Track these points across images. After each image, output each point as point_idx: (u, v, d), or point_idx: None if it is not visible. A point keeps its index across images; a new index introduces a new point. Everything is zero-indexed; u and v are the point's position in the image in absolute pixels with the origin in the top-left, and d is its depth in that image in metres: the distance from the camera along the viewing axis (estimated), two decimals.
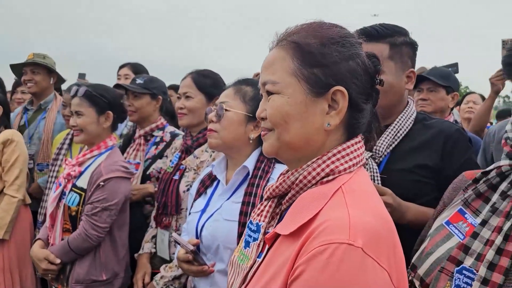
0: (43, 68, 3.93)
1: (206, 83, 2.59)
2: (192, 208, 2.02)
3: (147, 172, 2.95)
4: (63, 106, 3.73)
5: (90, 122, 2.58)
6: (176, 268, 2.22)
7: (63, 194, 2.59)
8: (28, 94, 4.20)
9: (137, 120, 3.07)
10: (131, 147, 3.09)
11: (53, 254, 2.51)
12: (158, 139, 3.05)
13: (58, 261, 2.49)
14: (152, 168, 2.96)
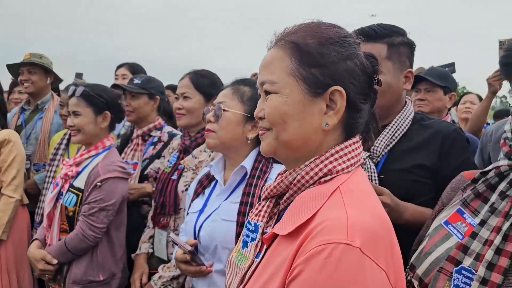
0: (40, 68, 3.92)
1: (204, 83, 2.59)
2: (190, 208, 2.02)
3: (145, 172, 2.95)
4: (60, 105, 3.72)
5: (88, 122, 2.58)
6: (174, 268, 2.21)
7: (60, 195, 2.59)
8: (25, 94, 4.19)
9: (134, 120, 3.07)
10: (129, 147, 3.08)
11: (50, 254, 2.50)
12: (156, 139, 3.04)
13: (55, 261, 2.49)
14: (150, 168, 2.95)
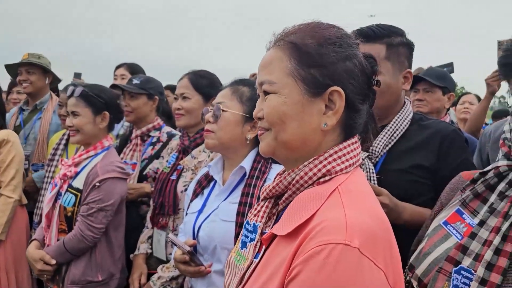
0: (38, 68, 3.91)
1: (203, 83, 2.59)
2: (189, 209, 2.02)
3: (144, 173, 2.95)
4: (59, 105, 3.71)
5: (86, 122, 2.57)
6: (174, 269, 2.21)
7: (59, 195, 2.58)
8: (24, 94, 4.19)
9: (133, 120, 3.06)
10: (128, 147, 3.08)
11: (48, 254, 2.50)
12: (154, 140, 3.04)
13: (54, 261, 2.49)
14: (149, 168, 2.95)
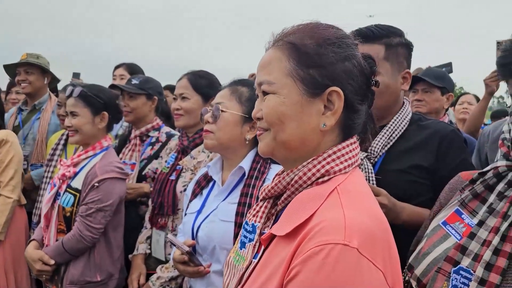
0: (37, 68, 3.91)
1: (202, 84, 2.59)
2: (188, 209, 2.02)
3: (143, 173, 2.95)
4: (58, 105, 3.71)
5: (85, 122, 2.57)
6: (173, 269, 2.21)
7: (57, 195, 2.58)
8: (23, 94, 4.18)
9: (132, 120, 3.06)
10: (127, 147, 3.08)
11: (47, 255, 2.50)
12: (153, 140, 3.04)
13: (52, 262, 2.48)
14: (148, 168, 2.95)
